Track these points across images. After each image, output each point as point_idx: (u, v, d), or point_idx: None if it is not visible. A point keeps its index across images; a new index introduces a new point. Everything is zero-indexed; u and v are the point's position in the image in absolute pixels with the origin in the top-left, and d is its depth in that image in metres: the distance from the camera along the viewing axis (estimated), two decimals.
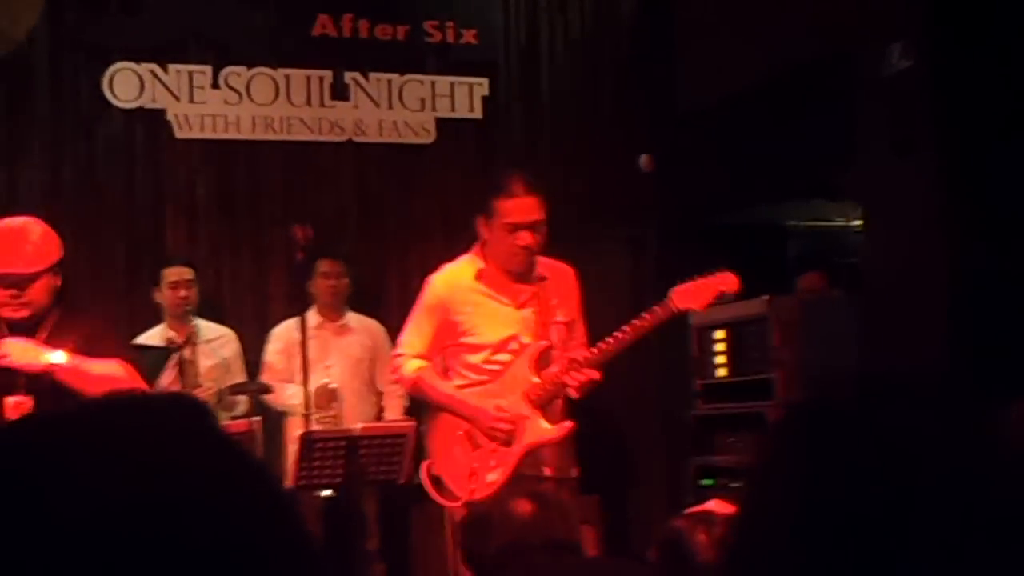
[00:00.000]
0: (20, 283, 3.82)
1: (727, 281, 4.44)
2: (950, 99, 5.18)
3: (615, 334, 4.37)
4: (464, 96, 7.21)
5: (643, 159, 7.15)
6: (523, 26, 7.41)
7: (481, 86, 7.24)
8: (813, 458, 0.99)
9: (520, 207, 4.36)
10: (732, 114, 6.69)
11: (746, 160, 6.60)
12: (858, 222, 6.15)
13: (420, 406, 4.79)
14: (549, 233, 4.51)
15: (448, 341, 4.51)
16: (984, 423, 1.02)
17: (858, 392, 1.06)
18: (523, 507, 2.70)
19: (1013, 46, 5.07)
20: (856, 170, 5.80)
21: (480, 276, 4.47)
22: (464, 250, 4.71)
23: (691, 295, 4.40)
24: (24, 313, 3.85)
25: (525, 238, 4.37)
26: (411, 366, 4.49)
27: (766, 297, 5.76)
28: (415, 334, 4.53)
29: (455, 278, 4.52)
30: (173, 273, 6.02)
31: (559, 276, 4.56)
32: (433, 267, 4.86)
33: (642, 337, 4.39)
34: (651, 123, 7.34)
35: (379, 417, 6.17)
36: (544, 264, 4.53)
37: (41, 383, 3.80)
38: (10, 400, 3.76)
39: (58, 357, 3.77)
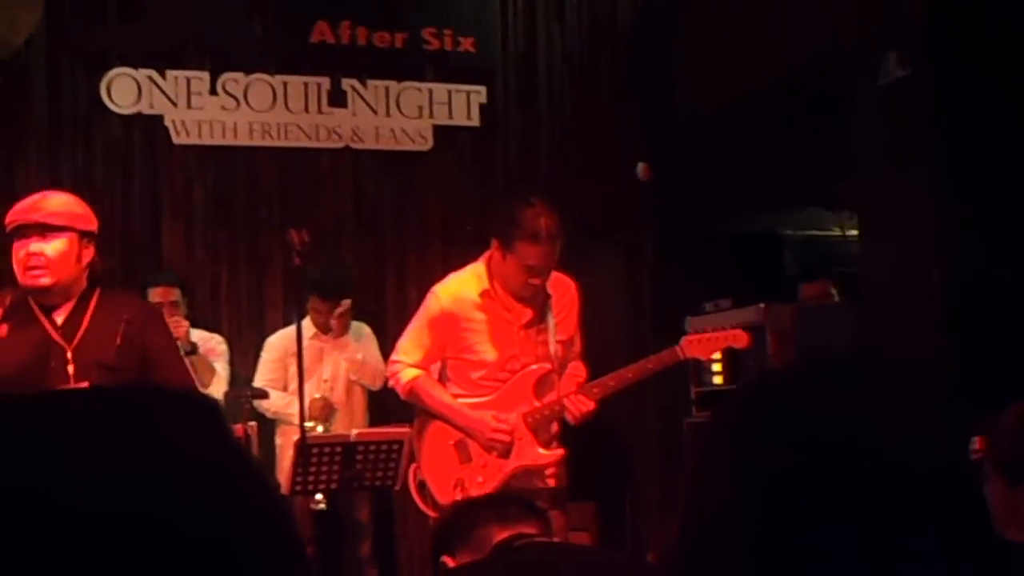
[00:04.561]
0: (43, 232, 3.66)
1: (738, 337, 4.49)
2: (947, 108, 5.19)
3: (620, 372, 4.36)
4: (462, 104, 7.23)
5: (640, 168, 7.17)
6: (521, 34, 7.43)
7: (479, 94, 7.26)
8: (753, 442, 0.98)
9: (542, 253, 4.26)
10: (729, 123, 6.70)
11: (742, 169, 6.61)
12: (854, 231, 6.16)
13: (408, 409, 4.75)
14: None
15: (448, 354, 4.48)
16: (927, 406, 1.01)
17: (796, 376, 1.04)
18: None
19: (1010, 55, 5.09)
20: (853, 179, 5.81)
21: (484, 295, 4.41)
22: (460, 259, 4.69)
23: (701, 345, 4.44)
24: (44, 280, 3.69)
25: (538, 280, 4.33)
26: (408, 374, 4.47)
27: (762, 305, 5.77)
28: (415, 343, 4.48)
29: (460, 291, 4.44)
30: (157, 294, 5.83)
31: (562, 291, 4.50)
32: (430, 273, 4.86)
33: (645, 379, 4.39)
34: (648, 132, 7.35)
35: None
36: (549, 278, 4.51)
37: (93, 370, 3.65)
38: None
39: None
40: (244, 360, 6.33)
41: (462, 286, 4.47)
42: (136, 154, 6.69)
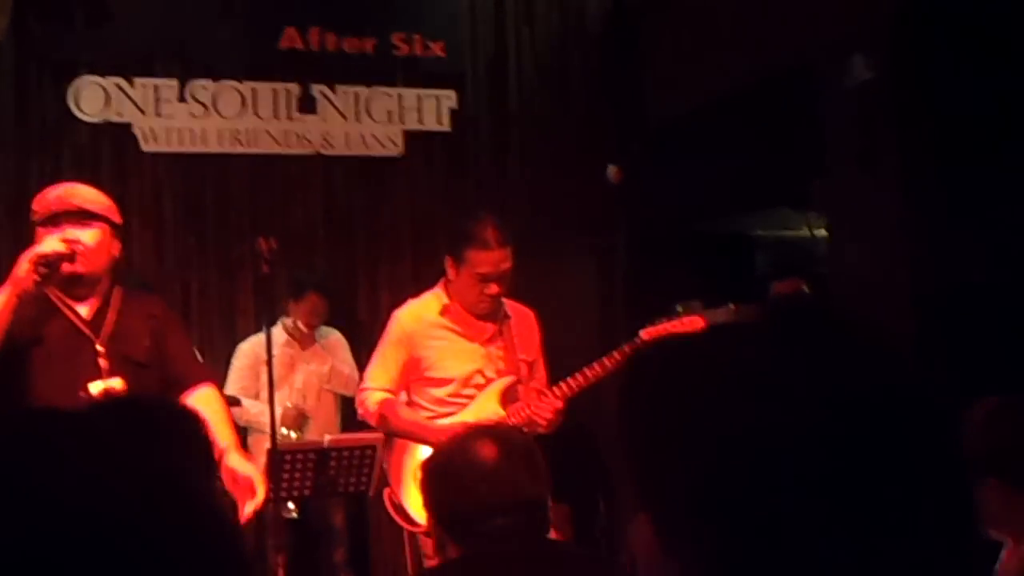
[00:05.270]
0: (79, 219, 3.60)
1: (694, 324, 4.52)
2: (913, 109, 5.23)
3: (583, 370, 4.40)
4: (432, 108, 7.22)
5: (611, 171, 7.18)
6: (491, 38, 7.43)
7: (449, 98, 7.26)
8: (717, 400, 0.95)
9: (492, 259, 4.35)
10: (699, 125, 6.73)
11: (713, 171, 6.64)
12: (823, 232, 6.20)
13: None
14: (518, 244, 4.52)
15: (413, 376, 4.53)
16: (895, 354, 0.96)
17: (753, 328, 1.00)
18: (487, 451, 2.56)
19: (974, 57, 5.12)
20: (821, 180, 5.84)
21: (445, 312, 4.50)
22: (431, 264, 4.71)
23: (660, 336, 4.46)
24: (79, 267, 3.62)
25: (493, 288, 4.40)
26: (375, 398, 4.51)
27: (731, 306, 5.78)
28: (381, 368, 4.54)
29: (420, 312, 4.55)
30: None
31: (521, 318, 4.61)
32: (402, 279, 4.88)
33: (609, 375, 4.41)
34: (619, 134, 7.37)
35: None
36: (508, 304, 4.57)
37: (125, 366, 3.62)
38: (97, 384, 3.55)
39: None
40: (215, 368, 6.30)
41: (422, 307, 4.57)
42: (104, 162, 6.66)
